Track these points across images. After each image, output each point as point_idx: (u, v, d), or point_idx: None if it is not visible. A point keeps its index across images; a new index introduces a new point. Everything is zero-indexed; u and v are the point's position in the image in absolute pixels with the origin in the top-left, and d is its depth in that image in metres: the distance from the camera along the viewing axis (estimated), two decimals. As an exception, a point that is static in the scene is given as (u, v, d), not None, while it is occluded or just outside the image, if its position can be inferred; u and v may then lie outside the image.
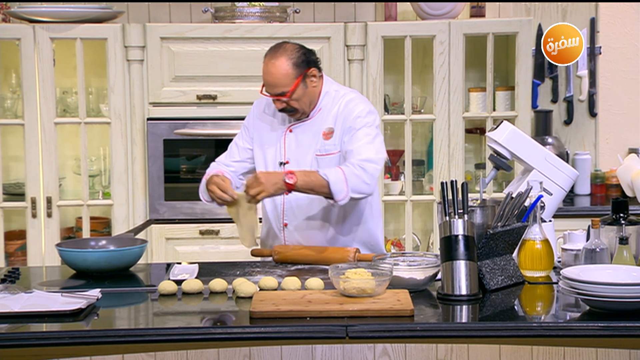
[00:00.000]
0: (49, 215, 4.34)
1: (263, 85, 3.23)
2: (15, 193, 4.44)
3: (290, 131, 3.31)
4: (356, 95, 3.34)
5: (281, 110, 3.25)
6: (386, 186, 4.53)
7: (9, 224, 4.54)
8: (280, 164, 3.30)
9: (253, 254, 3.18)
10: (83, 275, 3.07)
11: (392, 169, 4.66)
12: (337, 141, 3.27)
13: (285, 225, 3.33)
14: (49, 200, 4.33)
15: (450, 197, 2.75)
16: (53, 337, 2.44)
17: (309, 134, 3.29)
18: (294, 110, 3.24)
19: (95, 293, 2.69)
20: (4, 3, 4.41)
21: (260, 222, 3.46)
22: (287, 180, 3.08)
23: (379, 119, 3.34)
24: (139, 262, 3.20)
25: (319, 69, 3.27)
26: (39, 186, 4.33)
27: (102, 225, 4.56)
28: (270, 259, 3.30)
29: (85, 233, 4.38)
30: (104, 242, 3.25)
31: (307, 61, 3.22)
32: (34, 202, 4.33)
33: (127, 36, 4.29)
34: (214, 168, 3.40)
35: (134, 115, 4.33)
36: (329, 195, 3.12)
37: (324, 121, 3.29)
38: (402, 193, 4.55)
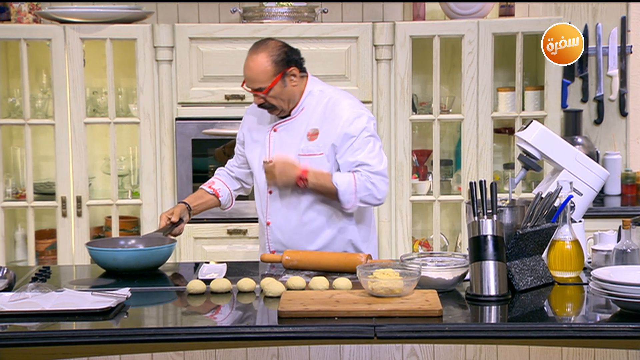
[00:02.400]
0: (79, 214, 4.37)
1: (244, 81, 3.28)
2: (45, 192, 4.48)
3: (275, 130, 3.34)
4: (342, 96, 3.33)
5: (260, 106, 3.28)
6: (414, 186, 4.52)
7: (40, 223, 4.58)
8: (265, 162, 3.31)
9: (263, 260, 3.19)
10: (113, 274, 3.09)
11: (420, 169, 4.65)
12: (322, 144, 3.26)
13: (269, 224, 3.35)
14: (78, 200, 4.37)
15: (479, 197, 2.74)
16: (83, 335, 2.46)
17: (292, 134, 3.32)
18: (272, 106, 3.27)
19: (124, 292, 2.71)
20: (35, 4, 4.45)
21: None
22: (301, 180, 3.20)
23: (373, 119, 3.33)
24: (168, 261, 3.22)
25: (301, 69, 3.29)
26: (69, 186, 4.37)
27: (131, 225, 4.59)
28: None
29: (115, 232, 4.41)
30: (133, 241, 3.27)
31: (288, 60, 3.24)
32: (64, 201, 4.36)
33: (156, 36, 4.31)
34: (216, 173, 3.57)
35: (162, 115, 4.35)
36: (336, 200, 3.22)
37: (308, 121, 3.30)
38: (429, 193, 4.53)
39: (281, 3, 4.39)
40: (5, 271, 2.80)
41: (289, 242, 3.33)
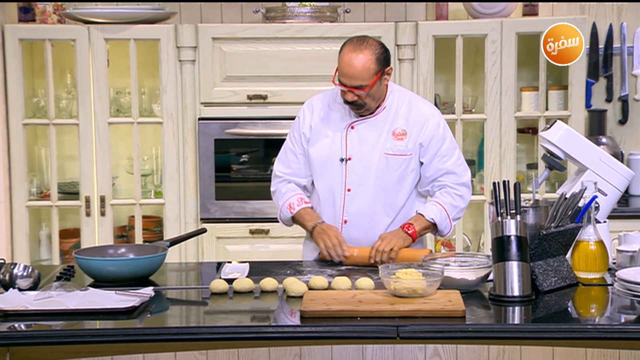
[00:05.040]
0: (103, 214, 4.40)
1: (336, 73, 3.20)
2: (69, 192, 4.51)
3: (352, 128, 3.29)
4: (419, 99, 3.39)
5: (350, 103, 3.21)
6: (437, 186, 4.50)
7: (64, 223, 4.61)
8: (342, 160, 3.28)
9: (321, 258, 3.18)
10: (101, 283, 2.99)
11: (443, 169, 4.63)
12: (411, 145, 3.26)
13: (345, 221, 3.32)
14: (102, 199, 4.39)
15: (502, 197, 2.73)
16: (107, 334, 2.48)
17: (374, 132, 3.27)
18: (362, 105, 3.22)
19: (148, 291, 2.72)
20: (60, 4, 4.48)
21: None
22: (409, 231, 3.23)
23: (441, 114, 3.39)
24: (190, 260, 3.22)
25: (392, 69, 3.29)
26: (93, 185, 4.39)
27: (154, 224, 4.61)
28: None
29: (138, 232, 4.43)
30: (123, 249, 3.14)
31: (387, 59, 3.21)
32: (88, 201, 4.39)
33: (180, 37, 4.33)
34: (288, 190, 3.35)
35: (185, 115, 4.37)
36: (435, 231, 3.31)
37: (392, 120, 3.28)
38: (452, 193, 4.51)
39: (304, 3, 4.40)
40: (30, 270, 2.82)
41: (363, 239, 3.27)
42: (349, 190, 3.27)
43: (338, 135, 3.29)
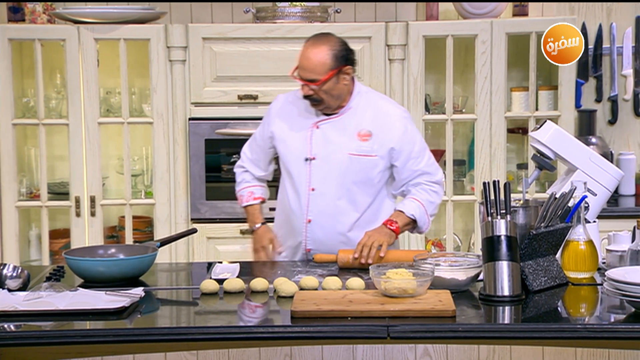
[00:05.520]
0: (93, 214, 4.39)
1: (296, 68, 3.25)
2: (59, 192, 4.49)
3: (317, 127, 3.31)
4: (387, 101, 3.43)
5: (306, 97, 3.25)
6: (427, 186, 4.51)
7: (54, 223, 4.60)
8: (306, 159, 3.31)
9: (316, 260, 3.19)
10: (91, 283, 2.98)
11: (433, 169, 4.64)
12: (377, 146, 3.28)
13: (309, 221, 3.33)
14: (92, 200, 4.38)
15: (492, 197, 2.73)
16: (97, 334, 2.47)
17: (339, 132, 3.30)
18: (318, 100, 3.25)
19: (138, 292, 2.72)
20: (49, 4, 4.46)
21: (272, 221, 3.52)
22: (392, 227, 3.25)
23: (409, 115, 3.43)
24: (180, 261, 3.22)
25: (354, 70, 3.30)
26: (83, 185, 4.38)
27: (144, 225, 4.60)
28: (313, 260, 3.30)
29: (128, 232, 4.42)
30: (112, 250, 3.14)
31: (346, 58, 3.24)
32: (77, 201, 4.38)
33: (170, 37, 4.32)
34: (242, 181, 3.52)
35: (176, 115, 4.36)
36: (414, 228, 3.36)
37: (358, 122, 3.30)
38: (443, 193, 4.52)
39: (294, 3, 4.40)
40: (19, 270, 2.82)
41: (328, 239, 3.31)
42: (312, 189, 3.30)
43: (303, 135, 3.32)
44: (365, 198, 3.32)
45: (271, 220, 3.54)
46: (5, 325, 2.50)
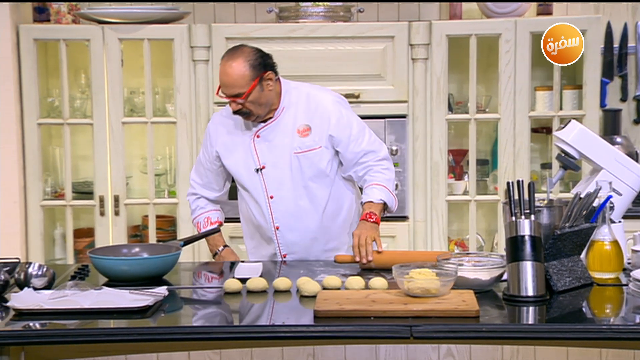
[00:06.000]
0: (117, 213, 4.41)
1: (219, 88, 3.26)
2: (84, 191, 4.52)
3: (258, 137, 3.33)
4: (317, 90, 3.41)
5: (236, 112, 3.26)
6: (450, 186, 4.50)
7: (78, 222, 4.63)
8: (257, 170, 3.32)
9: (337, 261, 3.19)
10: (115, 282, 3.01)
11: (456, 168, 4.63)
12: (318, 137, 3.30)
13: (277, 228, 3.35)
14: (116, 199, 4.41)
15: (516, 197, 2.72)
16: (121, 333, 2.48)
17: (280, 135, 3.32)
18: (248, 112, 3.25)
19: (162, 291, 2.73)
20: (74, 4, 4.49)
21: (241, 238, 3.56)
22: (373, 219, 3.24)
23: (344, 99, 3.44)
24: (203, 260, 3.23)
25: (275, 73, 3.30)
26: (107, 185, 4.41)
27: (167, 224, 4.62)
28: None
29: (152, 231, 4.45)
30: (137, 249, 3.16)
31: (264, 64, 3.25)
32: (102, 200, 4.40)
33: (193, 36, 4.34)
34: (197, 208, 3.52)
35: (199, 114, 4.38)
36: (386, 210, 3.33)
37: (294, 119, 3.32)
38: (465, 193, 4.51)
39: (317, 3, 4.40)
40: (44, 269, 2.84)
41: (301, 241, 3.34)
42: (271, 197, 3.33)
43: (247, 147, 3.34)
44: (323, 191, 3.35)
45: (240, 238, 3.54)
46: (31, 324, 2.52)
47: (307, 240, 3.35)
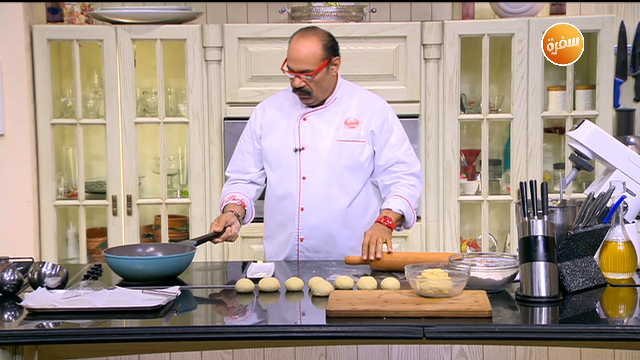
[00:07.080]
0: (129, 213, 4.42)
1: (285, 62, 3.28)
2: (96, 191, 4.54)
3: (305, 119, 3.36)
4: (368, 91, 3.46)
5: (297, 90, 3.28)
6: (462, 186, 4.49)
7: (91, 222, 4.64)
8: (295, 150, 3.34)
9: (348, 262, 3.19)
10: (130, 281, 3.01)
11: (468, 168, 4.62)
12: (363, 132, 3.34)
13: (303, 209, 3.35)
14: (129, 199, 4.42)
15: (529, 197, 2.71)
16: (134, 333, 2.49)
17: (326, 122, 3.35)
18: (309, 92, 3.28)
19: (174, 290, 2.73)
20: (87, 5, 4.51)
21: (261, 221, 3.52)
22: (387, 223, 3.23)
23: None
24: (215, 260, 3.23)
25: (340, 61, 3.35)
26: (120, 184, 4.42)
27: (180, 224, 4.63)
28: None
29: (164, 231, 4.46)
30: (151, 248, 3.17)
31: (335, 49, 3.30)
32: (114, 200, 4.42)
33: (206, 37, 4.35)
34: (226, 192, 3.44)
35: (211, 114, 4.39)
36: (403, 223, 3.35)
37: (343, 111, 3.36)
38: (478, 193, 4.50)
39: (329, 3, 4.40)
40: (58, 269, 2.84)
41: (322, 227, 3.34)
42: (304, 178, 3.34)
43: (291, 128, 3.37)
44: (355, 184, 3.36)
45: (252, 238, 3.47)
46: (44, 323, 2.53)
47: (328, 229, 3.34)
